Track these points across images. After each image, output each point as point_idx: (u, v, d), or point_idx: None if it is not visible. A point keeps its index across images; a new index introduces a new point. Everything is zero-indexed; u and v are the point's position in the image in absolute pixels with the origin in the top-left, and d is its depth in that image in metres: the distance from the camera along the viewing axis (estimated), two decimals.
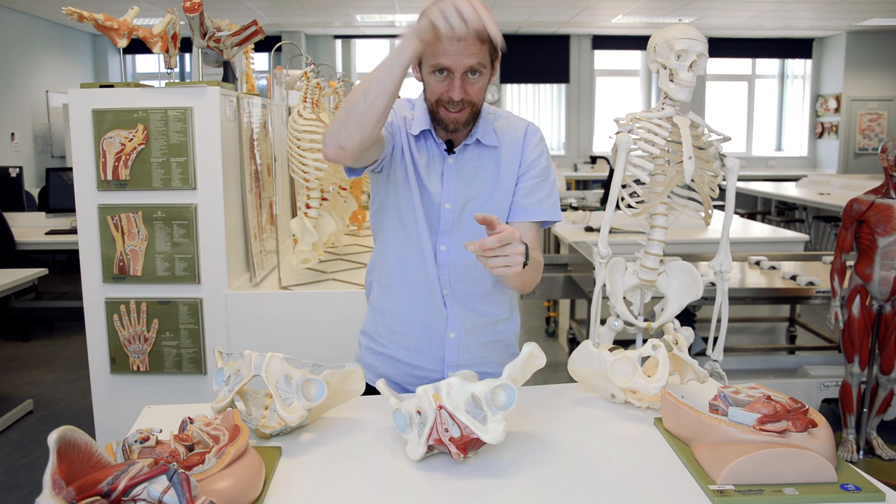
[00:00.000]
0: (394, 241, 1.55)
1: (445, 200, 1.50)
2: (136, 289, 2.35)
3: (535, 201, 1.53)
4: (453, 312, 1.54)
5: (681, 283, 1.66)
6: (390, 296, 1.59)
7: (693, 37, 1.56)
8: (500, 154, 1.53)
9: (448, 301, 1.54)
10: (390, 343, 1.60)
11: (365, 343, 1.67)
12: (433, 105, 1.45)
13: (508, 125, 1.56)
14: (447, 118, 1.44)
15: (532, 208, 1.53)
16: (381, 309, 1.61)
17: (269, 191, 2.84)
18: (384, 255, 1.59)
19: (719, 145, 1.64)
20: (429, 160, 1.51)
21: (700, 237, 4.10)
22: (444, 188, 1.50)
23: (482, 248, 1.20)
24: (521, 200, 1.54)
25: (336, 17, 8.36)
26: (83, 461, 0.86)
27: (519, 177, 1.54)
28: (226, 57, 2.54)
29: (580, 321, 4.33)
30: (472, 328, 1.57)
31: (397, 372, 1.60)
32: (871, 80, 9.58)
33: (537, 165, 1.54)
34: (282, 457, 1.21)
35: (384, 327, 1.61)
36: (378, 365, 1.62)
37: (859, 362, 2.78)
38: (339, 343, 2.32)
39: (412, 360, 1.58)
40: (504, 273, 1.24)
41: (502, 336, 1.63)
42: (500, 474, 1.15)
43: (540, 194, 1.54)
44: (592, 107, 10.00)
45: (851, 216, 2.73)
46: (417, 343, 1.57)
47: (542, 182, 1.55)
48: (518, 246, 1.22)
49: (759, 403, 1.15)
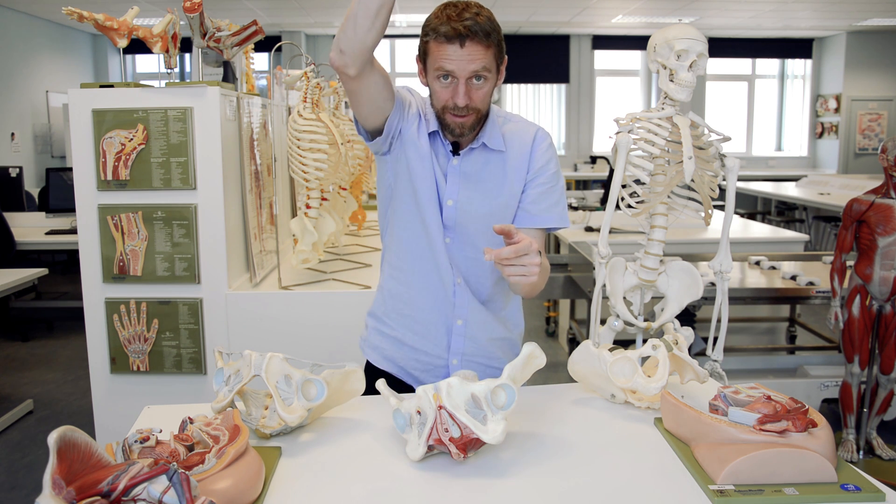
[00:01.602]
0: (405, 226, 1.55)
1: (448, 197, 1.51)
2: (136, 289, 2.35)
3: (543, 208, 1.53)
4: (462, 300, 1.55)
5: (681, 283, 1.66)
6: (401, 279, 1.59)
7: (693, 37, 1.56)
8: (506, 158, 1.52)
9: (458, 289, 1.54)
10: (398, 326, 1.60)
11: (372, 324, 1.67)
12: (440, 112, 1.45)
13: (517, 130, 1.55)
14: (453, 122, 1.44)
15: (540, 215, 1.54)
16: (391, 291, 1.61)
17: (269, 191, 2.84)
18: (396, 238, 1.59)
19: (719, 145, 1.64)
20: (437, 159, 1.51)
21: (700, 237, 4.10)
22: (448, 186, 1.51)
23: (499, 258, 1.23)
24: (530, 207, 1.53)
25: (336, 17, 8.36)
26: (83, 461, 0.86)
27: (527, 183, 1.53)
28: (226, 57, 2.54)
29: (580, 321, 4.33)
30: (481, 321, 1.57)
31: (403, 355, 1.60)
32: (871, 80, 9.58)
33: (546, 172, 1.54)
34: (282, 457, 1.21)
35: (393, 309, 1.61)
36: (385, 347, 1.62)
37: (859, 362, 2.78)
38: (339, 343, 2.32)
39: (418, 344, 1.58)
40: (519, 282, 1.27)
41: (508, 334, 1.64)
42: (500, 474, 1.15)
43: (548, 201, 1.54)
44: (592, 107, 9.99)
45: (851, 216, 2.73)
46: (425, 328, 1.57)
47: (551, 189, 1.54)
48: (534, 257, 1.25)
49: (759, 403, 1.15)
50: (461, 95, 1.38)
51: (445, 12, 1.37)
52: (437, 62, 1.38)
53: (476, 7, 1.38)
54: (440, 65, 1.38)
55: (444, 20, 1.36)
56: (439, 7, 1.40)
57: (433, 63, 1.39)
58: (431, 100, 1.47)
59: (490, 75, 1.40)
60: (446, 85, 1.40)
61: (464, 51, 1.35)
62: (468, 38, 1.35)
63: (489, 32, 1.36)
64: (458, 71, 1.37)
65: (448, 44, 1.36)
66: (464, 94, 1.38)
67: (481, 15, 1.37)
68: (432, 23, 1.39)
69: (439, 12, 1.39)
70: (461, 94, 1.38)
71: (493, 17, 1.40)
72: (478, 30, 1.35)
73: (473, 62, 1.36)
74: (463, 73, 1.37)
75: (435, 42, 1.38)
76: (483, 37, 1.35)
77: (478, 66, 1.37)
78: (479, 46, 1.36)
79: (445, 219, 1.51)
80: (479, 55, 1.36)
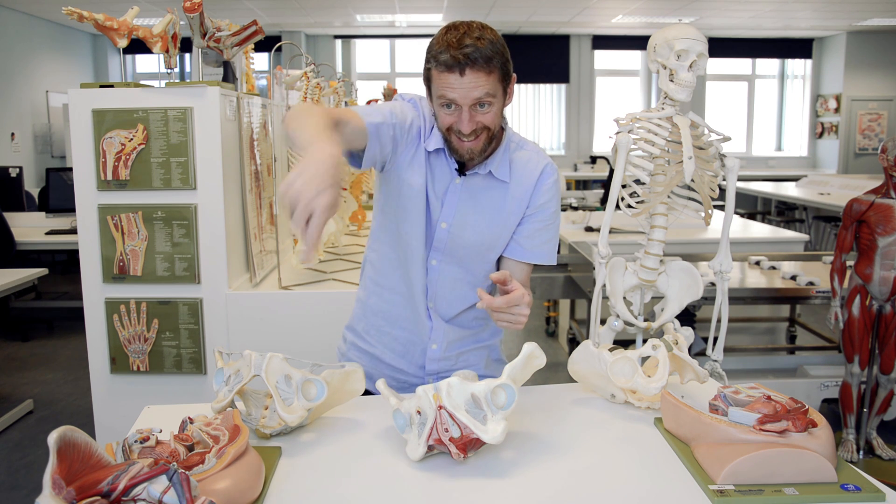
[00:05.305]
0: (390, 245, 1.55)
1: (443, 220, 1.48)
2: (136, 289, 2.35)
3: (536, 244, 1.52)
4: (437, 325, 1.55)
5: (681, 283, 1.66)
6: (384, 296, 1.58)
7: (693, 37, 1.56)
8: (509, 189, 1.49)
9: (432, 313, 1.55)
10: (377, 343, 1.61)
11: (350, 339, 1.66)
12: (445, 133, 1.41)
13: (526, 160, 1.51)
14: (461, 148, 1.40)
15: (532, 251, 1.53)
16: (372, 308, 1.61)
17: (269, 191, 2.84)
18: (379, 254, 1.58)
19: (719, 145, 1.64)
20: (437, 177, 1.47)
21: (700, 237, 4.10)
22: (445, 208, 1.48)
23: (491, 307, 1.27)
24: (523, 241, 1.52)
25: (336, 17, 8.36)
26: (83, 461, 0.86)
27: (525, 217, 1.51)
28: (226, 57, 2.54)
29: (580, 321, 4.33)
30: (455, 339, 1.58)
31: (379, 373, 1.60)
32: (871, 80, 9.58)
33: (546, 211, 1.52)
34: (282, 457, 1.21)
35: (373, 326, 1.61)
36: (363, 363, 1.61)
37: (859, 362, 2.78)
38: (339, 343, 2.32)
39: (395, 362, 1.59)
40: (507, 328, 1.33)
41: (485, 343, 1.64)
42: (500, 474, 1.15)
43: (542, 238, 1.53)
44: (592, 107, 10.00)
45: (851, 216, 2.73)
46: (402, 346, 1.58)
47: (548, 227, 1.53)
48: (524, 309, 1.29)
49: (759, 403, 1.15)
50: (465, 123, 1.35)
51: (446, 38, 1.32)
52: (440, 90, 1.35)
53: (478, 30, 1.33)
54: (442, 93, 1.34)
55: (444, 47, 1.31)
56: (442, 30, 1.35)
57: (436, 91, 1.36)
58: (437, 122, 1.43)
59: (494, 100, 1.36)
60: (450, 112, 1.36)
61: (465, 79, 1.31)
62: (468, 66, 1.30)
63: (490, 57, 1.31)
64: (460, 99, 1.33)
65: (448, 73, 1.32)
66: (468, 122, 1.35)
67: (483, 39, 1.31)
68: (433, 49, 1.34)
69: (441, 37, 1.34)
70: (465, 122, 1.35)
71: (496, 38, 1.34)
72: (478, 56, 1.30)
73: (475, 90, 1.32)
74: (465, 101, 1.33)
75: (436, 70, 1.34)
76: (484, 63, 1.31)
77: (480, 93, 1.33)
78: (481, 73, 1.31)
79: (436, 241, 1.49)
80: (481, 82, 1.32)
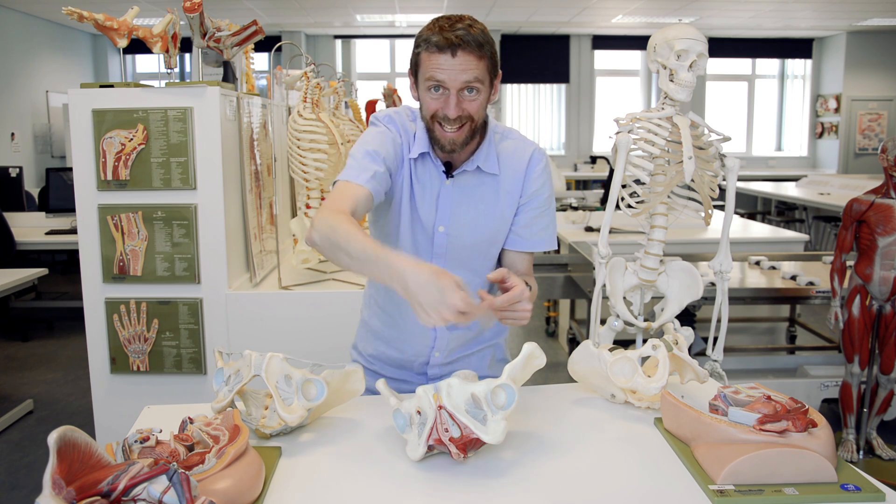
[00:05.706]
0: None
1: (439, 223, 1.48)
2: (136, 289, 2.35)
3: (534, 232, 1.53)
4: (441, 334, 1.55)
5: (681, 283, 1.66)
6: (387, 321, 1.60)
7: (693, 37, 1.56)
8: (499, 181, 1.49)
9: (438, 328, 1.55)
10: (378, 363, 1.64)
11: (354, 358, 1.70)
12: (429, 122, 1.41)
13: (513, 149, 1.51)
14: (444, 138, 1.40)
15: (531, 239, 1.53)
16: (377, 333, 1.63)
17: (269, 191, 2.84)
18: None
19: (719, 145, 1.64)
20: (426, 183, 1.47)
21: (700, 237, 4.10)
22: (439, 211, 1.48)
23: (493, 307, 1.27)
24: (521, 231, 1.52)
25: (336, 17, 8.36)
26: (83, 461, 0.86)
27: (520, 207, 1.51)
28: (226, 57, 2.54)
29: (580, 321, 4.33)
30: (458, 345, 1.59)
31: None
32: (871, 80, 9.58)
33: (539, 197, 1.52)
34: (282, 457, 1.21)
35: (375, 350, 1.63)
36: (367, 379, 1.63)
37: (859, 362, 2.78)
38: (339, 343, 2.32)
39: (397, 374, 1.62)
40: (511, 325, 1.33)
41: (489, 342, 1.65)
42: (500, 474, 1.15)
43: (540, 225, 1.53)
44: (592, 107, 10.00)
45: (851, 216, 2.73)
46: (407, 360, 1.60)
47: (544, 213, 1.53)
48: (526, 304, 1.28)
49: (759, 403, 1.15)
50: (452, 107, 1.35)
51: (438, 24, 1.35)
52: (429, 72, 1.35)
53: (469, 19, 1.36)
54: (431, 74, 1.35)
55: (435, 31, 1.34)
56: (432, 20, 1.38)
57: (424, 73, 1.37)
58: (421, 111, 1.43)
59: (482, 87, 1.37)
60: (437, 96, 1.37)
61: (455, 60, 1.32)
62: (460, 48, 1.32)
63: (482, 44, 1.34)
64: (449, 81, 1.34)
65: (440, 53, 1.33)
66: (455, 106, 1.35)
67: (474, 27, 1.34)
68: (424, 34, 1.36)
69: (432, 24, 1.37)
70: (452, 106, 1.35)
71: (486, 31, 1.37)
72: (470, 40, 1.32)
73: (465, 72, 1.33)
74: (454, 83, 1.34)
75: (426, 52, 1.35)
76: (475, 47, 1.33)
77: (469, 76, 1.34)
78: (472, 57, 1.33)
79: (437, 246, 1.49)
80: (472, 65, 1.33)
